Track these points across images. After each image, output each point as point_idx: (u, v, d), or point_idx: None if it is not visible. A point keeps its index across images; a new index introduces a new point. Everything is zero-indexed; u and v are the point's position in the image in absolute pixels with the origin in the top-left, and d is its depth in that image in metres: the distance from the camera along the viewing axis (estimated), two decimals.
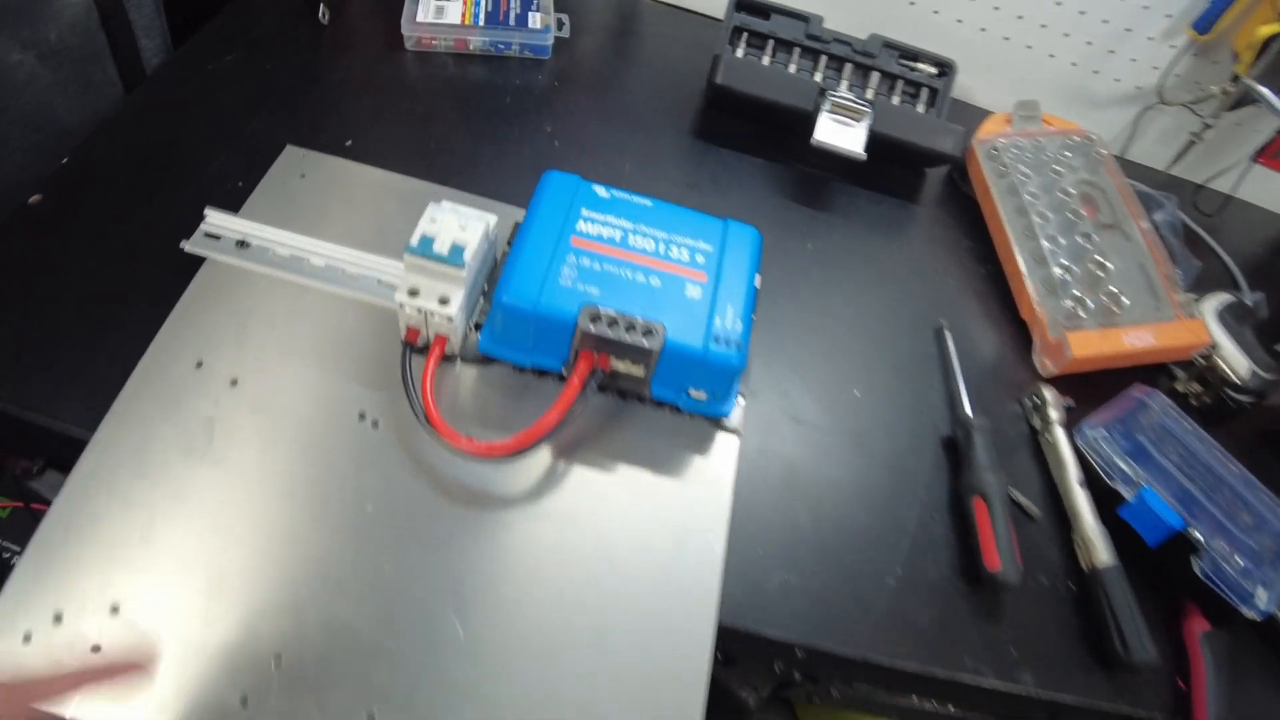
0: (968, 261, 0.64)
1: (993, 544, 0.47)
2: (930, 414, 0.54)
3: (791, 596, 0.45)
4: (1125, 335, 0.57)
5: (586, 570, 0.42)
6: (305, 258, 0.49)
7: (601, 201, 0.48)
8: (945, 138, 0.63)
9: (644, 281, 0.45)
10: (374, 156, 0.56)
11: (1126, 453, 0.53)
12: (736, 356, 0.43)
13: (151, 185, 0.53)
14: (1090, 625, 0.48)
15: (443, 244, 0.43)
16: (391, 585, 0.40)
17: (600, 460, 0.46)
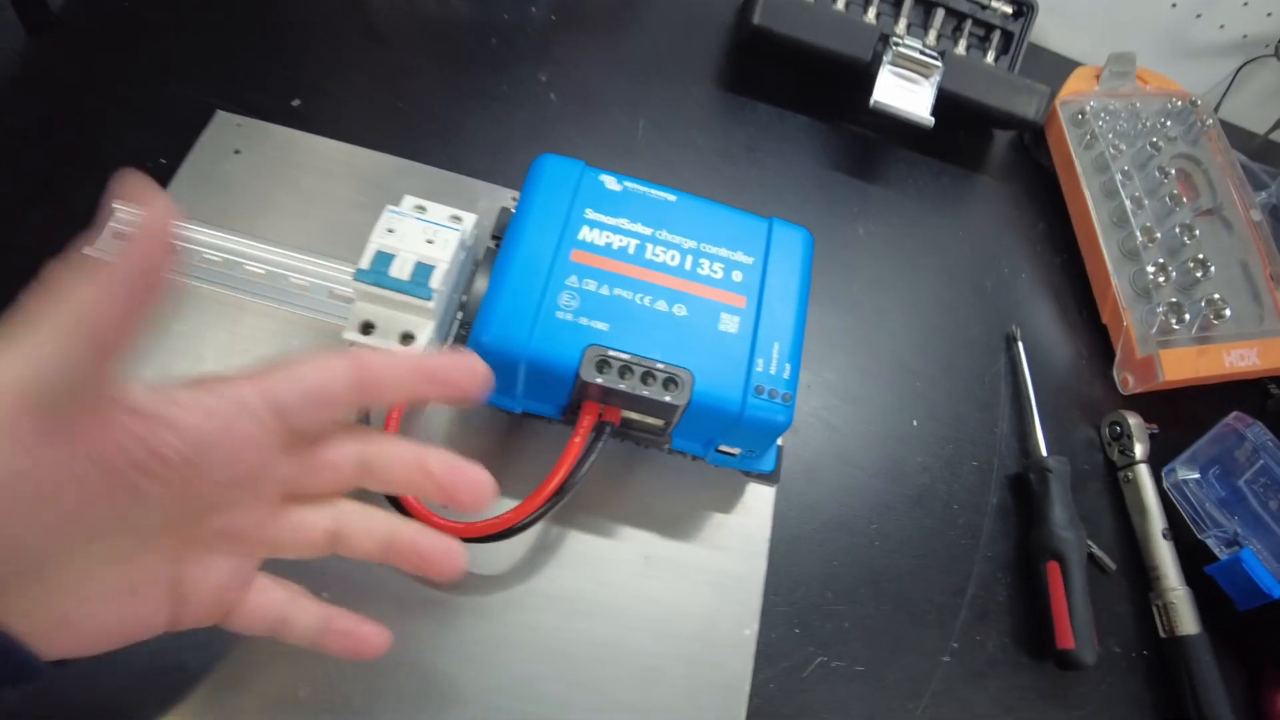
0: (1041, 249, 0.55)
1: (1067, 620, 0.40)
2: (998, 447, 0.46)
3: (832, 682, 0.38)
4: (1226, 354, 0.48)
5: (593, 669, 0.35)
6: (241, 263, 0.39)
7: (612, 197, 0.38)
8: (1027, 100, 0.52)
9: (666, 310, 0.35)
10: (328, 121, 0.45)
11: (1221, 501, 0.45)
12: (783, 412, 0.35)
13: (50, 165, 0.42)
14: (1164, 699, 0.42)
15: (403, 265, 0.34)
16: (352, 685, 0.33)
17: (606, 525, 0.38)
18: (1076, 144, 0.54)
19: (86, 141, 0.43)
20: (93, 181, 0.41)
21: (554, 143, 0.48)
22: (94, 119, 0.44)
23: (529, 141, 0.47)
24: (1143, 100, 0.56)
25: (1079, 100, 0.55)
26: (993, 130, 0.58)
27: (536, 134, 0.48)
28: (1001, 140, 0.58)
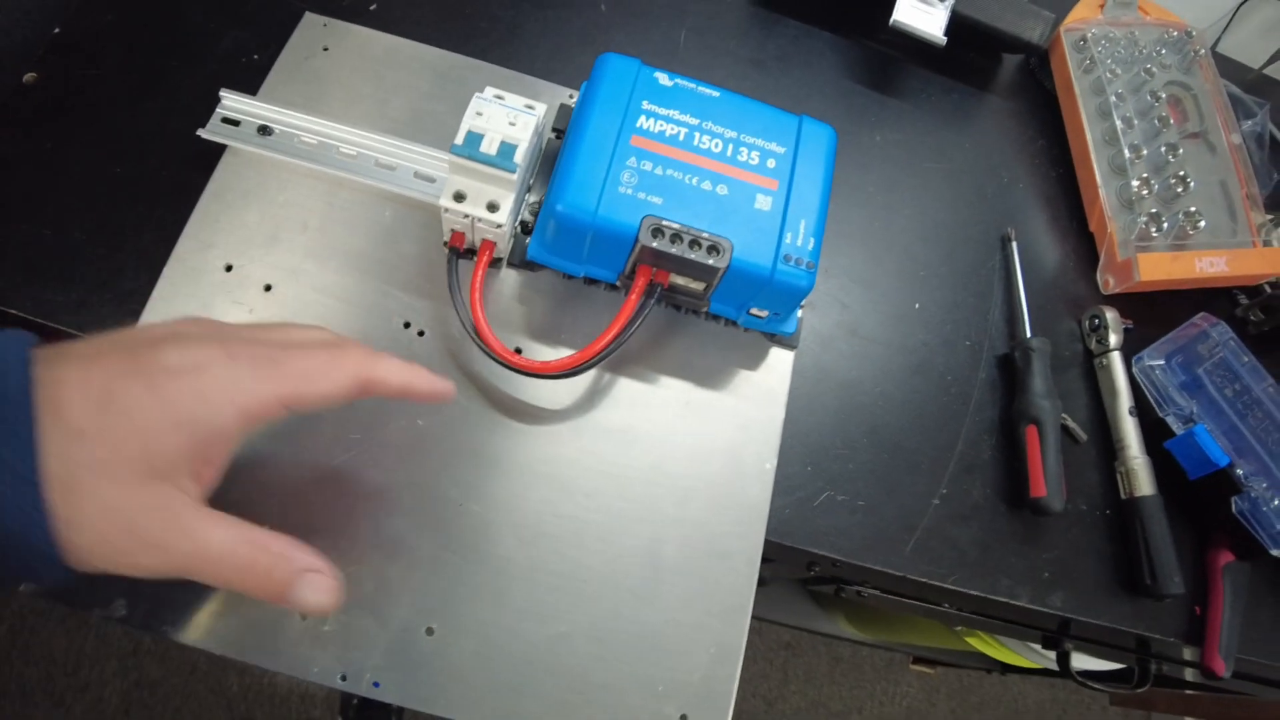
0: (1040, 162, 0.60)
1: (1040, 473, 0.47)
2: (990, 330, 0.52)
3: (837, 513, 0.45)
4: (1198, 260, 0.54)
5: (640, 487, 0.42)
6: (335, 145, 0.44)
7: (664, 91, 0.43)
8: (1033, 25, 0.57)
9: (710, 190, 0.41)
10: (401, 23, 0.50)
11: (1182, 386, 0.52)
12: (806, 278, 0.41)
13: (157, 62, 0.47)
14: (1122, 551, 0.49)
15: (490, 143, 0.39)
16: (446, 500, 0.40)
17: (652, 374, 0.44)
18: (1077, 68, 0.58)
19: (190, 39, 0.48)
20: (197, 74, 0.47)
21: (605, 48, 0.52)
22: (193, 19, 0.49)
23: (583, 46, 0.52)
24: (1142, 29, 0.60)
25: (1082, 27, 0.59)
26: (1001, 53, 0.63)
27: (589, 39, 0.53)
28: (1010, 63, 0.63)
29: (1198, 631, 0.49)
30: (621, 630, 0.39)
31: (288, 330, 0.31)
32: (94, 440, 0.23)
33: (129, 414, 0.24)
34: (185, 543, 0.26)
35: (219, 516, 0.27)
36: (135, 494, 0.24)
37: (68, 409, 0.23)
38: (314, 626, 0.38)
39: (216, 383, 0.26)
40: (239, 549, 0.27)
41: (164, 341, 0.26)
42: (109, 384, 0.24)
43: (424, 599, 0.38)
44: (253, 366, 0.27)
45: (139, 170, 0.45)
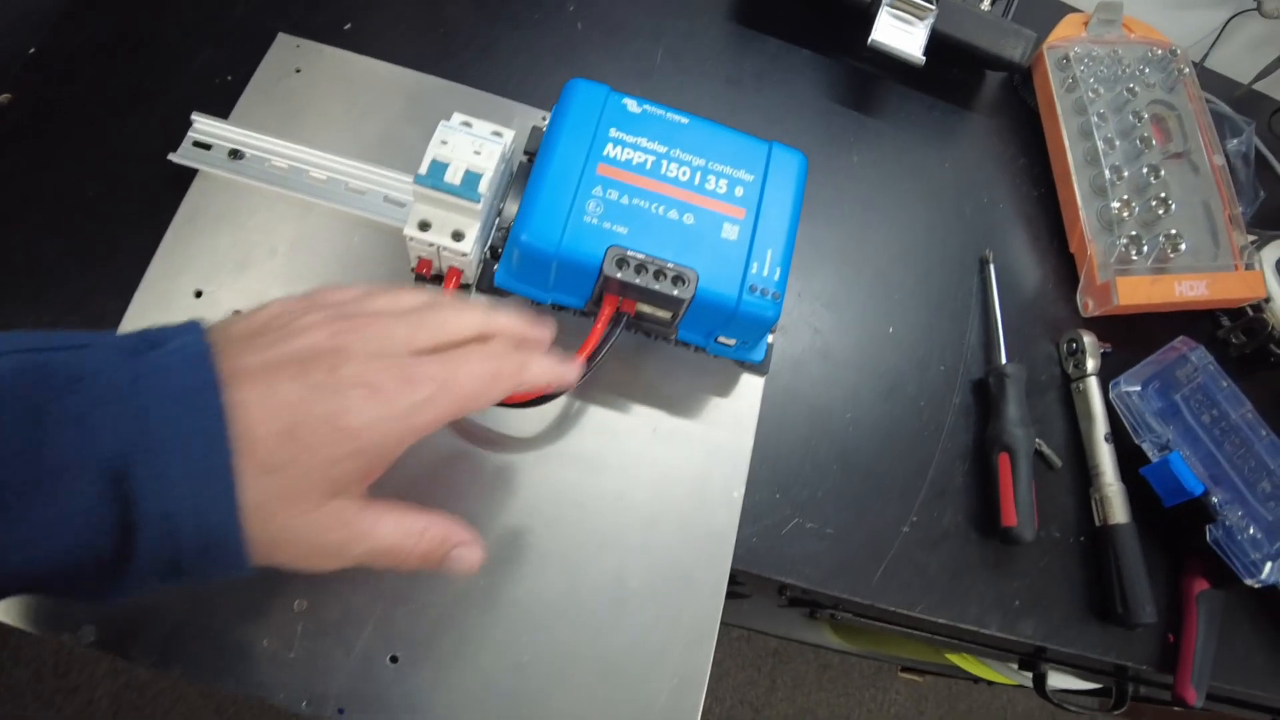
0: (1021, 182, 0.59)
1: (1012, 502, 0.47)
2: (965, 354, 0.52)
3: (805, 540, 0.45)
4: (1178, 284, 0.53)
5: (606, 517, 0.42)
6: (305, 170, 0.45)
7: (632, 119, 0.43)
8: (1014, 43, 0.57)
9: (676, 219, 0.41)
10: (377, 43, 0.50)
11: (1158, 413, 0.51)
12: (772, 308, 0.41)
13: (132, 82, 0.47)
14: (1095, 578, 0.49)
15: (455, 172, 0.39)
16: None
17: (620, 400, 0.44)
18: (1059, 86, 0.58)
19: (163, 59, 0.48)
20: (171, 95, 0.47)
21: (579, 67, 0.53)
22: (168, 39, 0.49)
23: (557, 66, 0.52)
24: (1125, 47, 0.60)
25: (1065, 45, 0.59)
26: (985, 71, 0.62)
27: (563, 59, 0.52)
28: (993, 80, 0.63)
29: (1170, 659, 0.49)
30: (582, 660, 0.39)
31: (442, 322, 0.31)
32: (283, 474, 0.26)
33: (313, 449, 0.26)
34: (359, 546, 0.29)
35: (383, 512, 0.30)
36: (318, 516, 0.27)
37: (259, 446, 0.25)
38: (279, 652, 0.38)
39: (392, 410, 0.28)
40: (404, 541, 0.30)
41: (334, 357, 0.27)
42: (293, 414, 0.26)
43: (388, 627, 0.38)
44: (427, 390, 0.28)
45: (112, 192, 0.45)
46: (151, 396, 0.24)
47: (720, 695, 1.16)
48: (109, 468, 0.23)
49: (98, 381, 0.24)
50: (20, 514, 0.22)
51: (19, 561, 0.22)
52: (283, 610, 0.38)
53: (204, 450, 0.24)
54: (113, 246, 0.43)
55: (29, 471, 0.22)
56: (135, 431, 0.23)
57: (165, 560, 0.24)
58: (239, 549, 0.25)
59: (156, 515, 0.23)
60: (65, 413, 0.23)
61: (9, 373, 0.23)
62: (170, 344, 0.26)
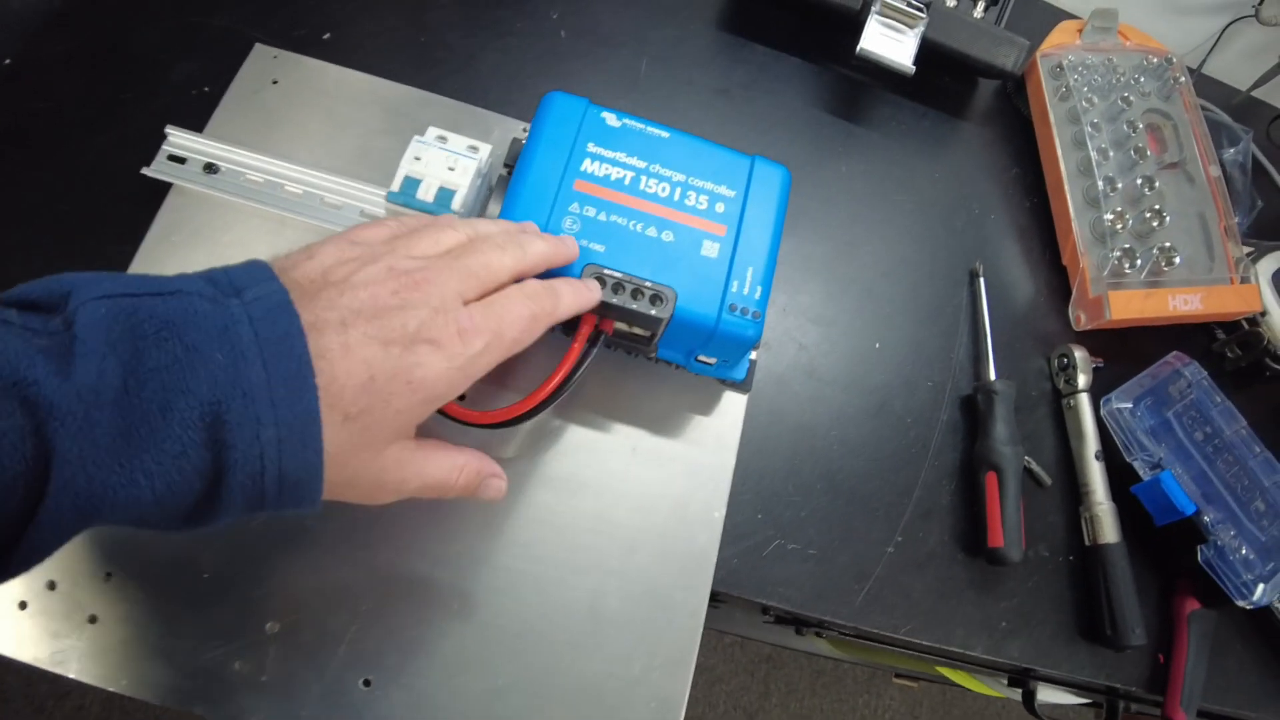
0: (1013, 192, 0.59)
1: (999, 523, 0.46)
2: (953, 370, 0.51)
3: (788, 562, 0.44)
4: (1171, 298, 0.52)
5: (583, 539, 0.41)
6: (281, 184, 0.44)
7: (611, 133, 0.42)
8: (1006, 51, 0.55)
9: (655, 236, 0.40)
10: (355, 53, 0.50)
11: (1150, 430, 0.50)
12: (753, 328, 0.40)
13: (108, 94, 0.47)
14: (1084, 598, 0.48)
15: (428, 189, 0.39)
16: (382, 550, 0.39)
17: (600, 419, 0.44)
18: (1052, 95, 0.57)
19: (139, 71, 0.48)
20: (148, 107, 0.47)
21: (563, 77, 0.52)
22: (145, 51, 0.48)
23: (540, 76, 0.51)
24: (1120, 56, 0.59)
25: (1058, 53, 0.58)
26: (978, 79, 0.61)
27: (547, 69, 0.52)
28: (987, 88, 0.62)
29: (1160, 680, 0.48)
30: (559, 683, 0.39)
31: (486, 265, 0.33)
32: (359, 422, 0.28)
33: (387, 400, 0.28)
34: (415, 482, 0.32)
35: (430, 451, 0.33)
36: (383, 458, 0.30)
37: (342, 396, 0.27)
38: (251, 676, 0.37)
39: (454, 363, 0.30)
40: (450, 475, 0.34)
41: (401, 314, 0.29)
42: (369, 368, 0.27)
43: (361, 650, 0.38)
44: (482, 341, 0.31)
45: (87, 206, 0.44)
46: (243, 345, 0.25)
47: (713, 701, 1.15)
48: (204, 413, 0.24)
49: (189, 329, 0.24)
50: (125, 456, 0.23)
51: (124, 498, 0.23)
52: (255, 632, 0.38)
53: (293, 397, 0.25)
54: (88, 262, 0.42)
55: (129, 417, 0.23)
56: (228, 379, 0.24)
57: (251, 499, 0.26)
58: (318, 489, 0.27)
59: (249, 459, 0.25)
60: (160, 360, 0.24)
61: (103, 320, 0.23)
62: (249, 291, 0.26)
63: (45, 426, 0.22)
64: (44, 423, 0.22)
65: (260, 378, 0.25)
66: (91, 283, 0.24)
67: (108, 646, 0.37)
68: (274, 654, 0.38)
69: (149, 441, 0.23)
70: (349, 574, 0.39)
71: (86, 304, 0.24)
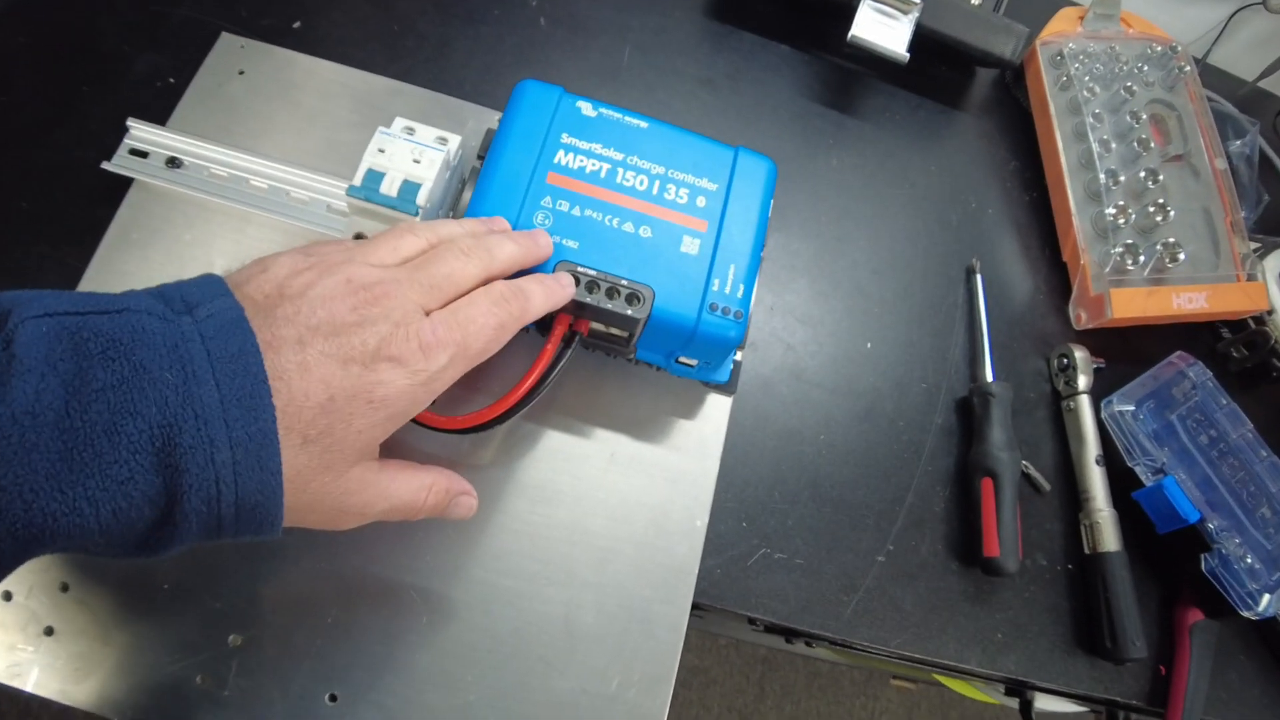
0: (1011, 186, 0.56)
1: (995, 531, 0.44)
2: (948, 371, 0.49)
3: (774, 572, 0.43)
4: (1176, 296, 0.50)
5: (558, 549, 0.39)
6: (246, 178, 0.42)
7: (587, 123, 0.40)
8: (1004, 39, 0.53)
9: (632, 232, 0.38)
10: (325, 42, 0.48)
11: (1153, 433, 0.49)
12: (734, 328, 0.38)
13: (69, 88, 0.45)
14: (1082, 608, 0.47)
15: (391, 183, 0.37)
16: (348, 562, 0.38)
17: (577, 424, 0.42)
18: (1053, 85, 0.55)
19: (100, 63, 0.46)
20: (108, 101, 0.45)
21: (541, 67, 0.50)
22: (107, 41, 0.47)
23: (517, 65, 0.49)
24: (1123, 44, 0.56)
25: (1059, 41, 0.56)
26: (976, 67, 0.59)
27: (525, 58, 0.50)
28: (985, 77, 0.60)
29: (1161, 693, 0.46)
30: (530, 701, 0.37)
31: (449, 275, 0.31)
32: (319, 444, 0.27)
33: (348, 420, 0.27)
34: (380, 505, 0.31)
35: (396, 472, 0.32)
36: (346, 480, 0.29)
37: (300, 417, 0.26)
38: (213, 691, 0.36)
39: (416, 378, 0.29)
40: (417, 496, 0.32)
41: (360, 330, 0.28)
42: (328, 388, 0.27)
43: (326, 664, 0.36)
44: (446, 355, 0.30)
45: (45, 205, 0.43)
46: (194, 364, 0.24)
47: (708, 704, 1.14)
48: (154, 436, 0.23)
49: (138, 348, 0.23)
50: (66, 482, 0.22)
51: (65, 527, 0.22)
52: (217, 645, 0.36)
53: (249, 417, 0.24)
54: (44, 263, 0.41)
55: (71, 440, 0.22)
56: (179, 400, 0.23)
57: (207, 525, 0.25)
58: (278, 514, 0.26)
59: (204, 483, 0.24)
60: (106, 380, 0.22)
61: (44, 338, 0.22)
62: (202, 308, 0.25)
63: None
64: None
65: (213, 398, 0.24)
66: (33, 300, 0.23)
67: (65, 659, 0.35)
68: (237, 668, 0.36)
69: (93, 466, 0.22)
70: (314, 585, 0.37)
71: (26, 322, 0.22)
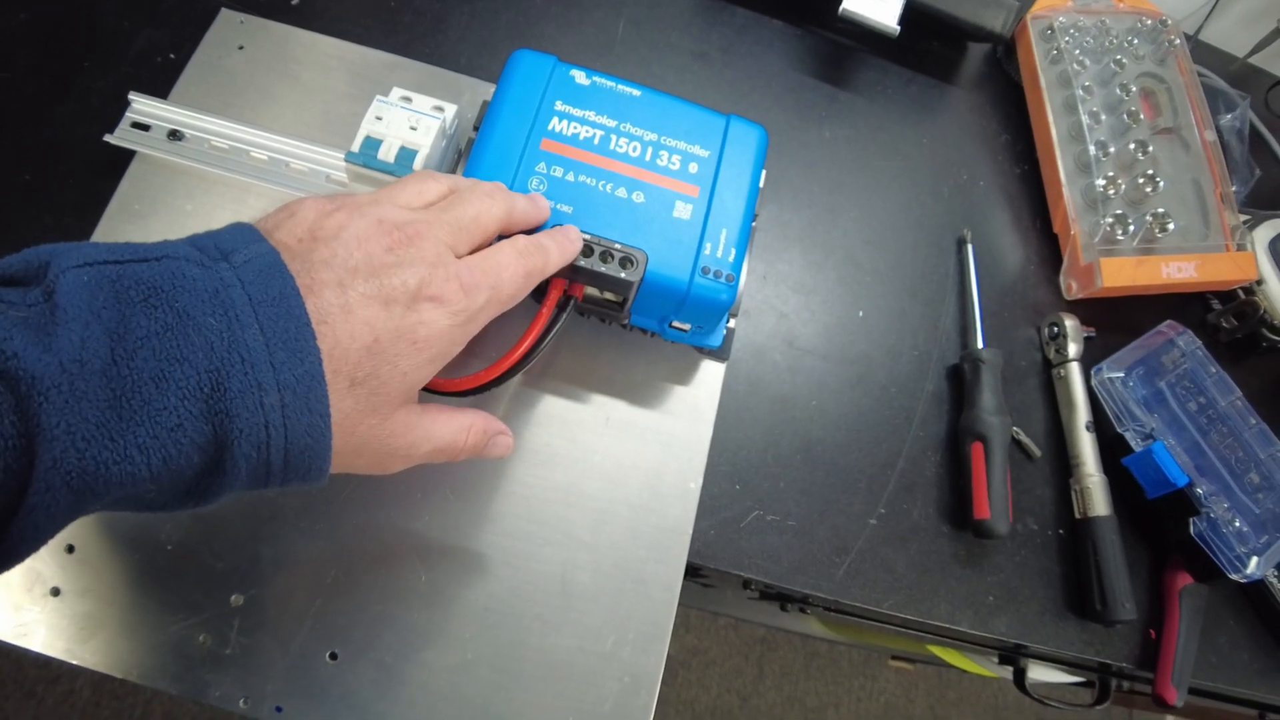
0: (1003, 159, 0.57)
1: (985, 494, 0.45)
2: (939, 339, 0.50)
3: (766, 534, 0.43)
4: (1165, 265, 0.51)
5: (554, 510, 0.40)
6: (246, 150, 0.43)
7: (580, 91, 0.41)
8: (995, 13, 0.54)
9: (625, 197, 0.39)
10: (324, 18, 0.48)
11: (1142, 400, 0.49)
12: (726, 291, 0.39)
13: (70, 64, 0.45)
14: (1073, 572, 0.47)
15: (389, 150, 0.37)
16: (348, 522, 0.38)
17: (572, 389, 0.42)
18: (1043, 59, 0.55)
19: (101, 39, 0.47)
20: (109, 76, 0.45)
21: (536, 40, 0.51)
22: (107, 18, 0.47)
23: (512, 39, 0.50)
24: (1113, 18, 0.57)
25: (1049, 15, 0.56)
26: (967, 42, 0.60)
27: (519, 31, 0.50)
28: (976, 52, 0.60)
29: (1151, 656, 0.47)
30: (527, 659, 0.38)
31: (476, 218, 0.32)
32: (366, 386, 0.27)
33: (393, 362, 0.27)
34: (425, 445, 0.31)
35: (437, 414, 0.32)
36: (392, 423, 0.28)
37: (347, 360, 0.26)
38: (215, 650, 0.36)
39: (456, 319, 0.29)
40: (458, 437, 0.32)
41: (398, 271, 0.27)
42: (372, 330, 0.26)
43: (327, 623, 0.37)
44: (483, 297, 0.30)
45: (47, 179, 0.43)
46: (237, 309, 0.23)
47: (707, 684, 1.15)
48: (201, 382, 0.22)
49: (179, 294, 0.23)
50: (116, 430, 0.21)
51: (117, 475, 0.21)
52: (219, 605, 0.37)
53: (295, 360, 0.24)
54: (47, 235, 0.41)
55: (119, 389, 0.21)
56: (225, 345, 0.23)
57: (256, 472, 0.24)
58: (326, 458, 0.26)
59: (253, 428, 0.23)
60: (150, 328, 0.22)
61: (85, 288, 0.22)
62: (238, 254, 0.25)
63: (28, 402, 0.20)
64: (26, 398, 0.20)
65: (258, 342, 0.23)
66: (71, 251, 0.23)
67: (70, 619, 0.36)
68: (239, 627, 0.37)
69: (142, 414, 0.22)
70: (314, 545, 0.38)
71: (66, 272, 0.22)
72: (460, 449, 0.33)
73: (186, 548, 0.37)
